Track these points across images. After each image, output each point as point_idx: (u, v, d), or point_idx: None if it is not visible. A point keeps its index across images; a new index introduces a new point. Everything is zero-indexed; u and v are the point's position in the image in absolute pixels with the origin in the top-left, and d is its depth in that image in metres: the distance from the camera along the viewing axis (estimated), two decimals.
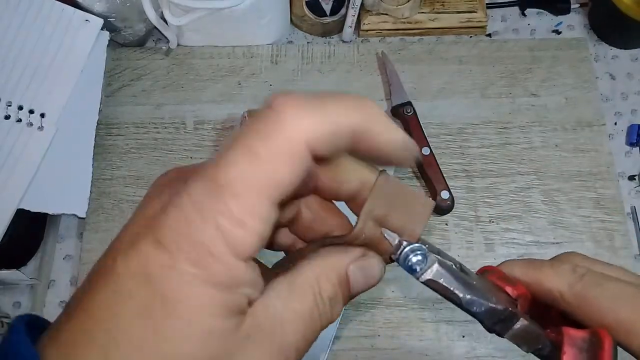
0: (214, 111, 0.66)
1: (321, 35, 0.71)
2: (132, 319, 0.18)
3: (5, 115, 0.58)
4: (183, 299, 0.18)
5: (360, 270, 0.23)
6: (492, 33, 0.71)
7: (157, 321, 0.18)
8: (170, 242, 0.19)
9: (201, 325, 0.18)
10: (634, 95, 0.68)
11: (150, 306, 0.18)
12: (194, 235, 0.18)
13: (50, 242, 0.61)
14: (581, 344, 0.24)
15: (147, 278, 0.19)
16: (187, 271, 0.18)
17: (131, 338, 0.18)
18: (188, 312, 0.18)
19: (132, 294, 0.19)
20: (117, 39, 0.67)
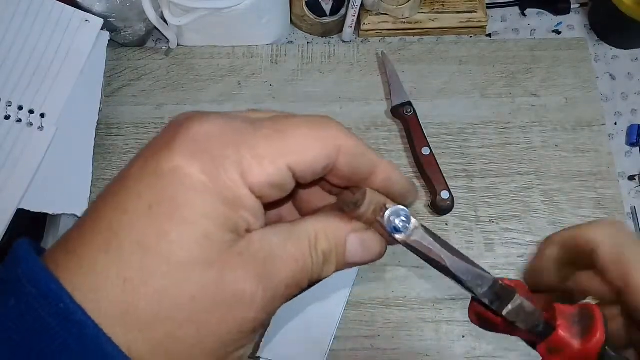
0: (214, 111, 0.65)
1: (321, 35, 0.71)
2: (138, 217, 0.19)
3: (5, 115, 0.58)
4: (188, 202, 0.19)
5: (359, 241, 0.24)
6: (492, 33, 0.71)
7: (161, 221, 0.19)
8: (188, 150, 0.20)
9: (200, 229, 0.19)
10: (634, 95, 0.68)
11: (156, 206, 0.19)
12: (213, 149, 0.20)
13: (50, 242, 0.61)
14: (572, 317, 0.25)
15: (158, 179, 0.20)
16: (197, 177, 0.20)
17: (134, 235, 0.19)
18: (191, 216, 0.19)
19: (141, 194, 0.20)
20: (117, 39, 0.67)
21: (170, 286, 0.19)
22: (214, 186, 0.20)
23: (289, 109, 0.65)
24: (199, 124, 0.21)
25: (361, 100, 0.66)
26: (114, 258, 0.19)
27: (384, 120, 0.65)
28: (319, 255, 0.22)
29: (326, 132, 0.22)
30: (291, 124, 0.21)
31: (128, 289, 0.19)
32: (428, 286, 0.58)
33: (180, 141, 0.20)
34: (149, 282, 0.19)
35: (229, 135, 0.21)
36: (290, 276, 0.21)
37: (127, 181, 0.20)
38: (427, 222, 0.61)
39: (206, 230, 0.20)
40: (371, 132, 0.65)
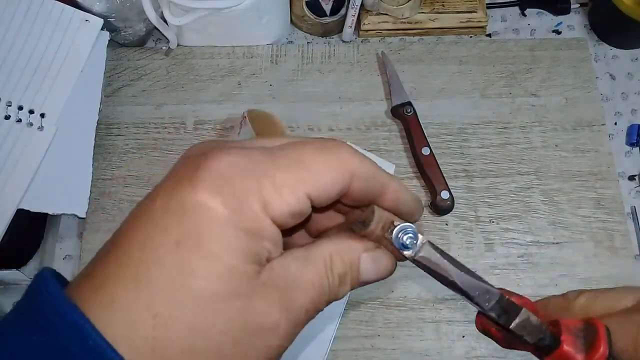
0: (214, 111, 0.66)
1: (321, 35, 0.71)
2: (166, 253, 0.20)
3: (5, 115, 0.58)
4: (213, 236, 0.20)
5: (371, 260, 0.24)
6: (492, 33, 0.71)
7: (188, 256, 0.20)
8: (211, 185, 0.20)
9: (226, 263, 0.20)
10: (634, 95, 0.68)
11: (183, 241, 0.20)
12: (235, 182, 0.21)
13: (50, 242, 0.61)
14: (577, 332, 0.25)
15: (183, 214, 0.20)
16: (221, 212, 0.20)
17: (162, 271, 0.20)
18: (217, 250, 0.20)
19: (167, 229, 0.20)
20: (117, 39, 0.67)
21: (200, 321, 0.20)
22: (238, 219, 0.20)
23: (289, 109, 0.65)
24: (218, 158, 0.21)
25: (361, 100, 0.66)
26: (144, 294, 0.19)
27: (384, 120, 0.65)
28: (335, 278, 0.23)
29: (339, 158, 0.23)
30: (306, 152, 0.22)
31: (159, 324, 0.19)
32: (428, 286, 0.58)
33: (203, 176, 0.21)
34: (179, 317, 0.19)
35: (249, 167, 0.21)
36: (309, 302, 0.22)
37: (151, 216, 0.21)
38: (427, 222, 0.61)
39: (232, 264, 0.20)
40: (371, 132, 0.65)
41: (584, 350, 0.25)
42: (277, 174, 0.21)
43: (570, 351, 0.25)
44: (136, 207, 0.22)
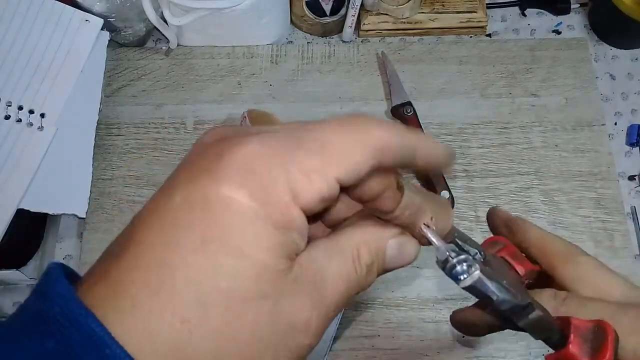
0: (214, 111, 0.66)
1: (321, 35, 0.71)
2: (191, 253, 0.18)
3: (5, 115, 0.58)
4: (241, 232, 0.19)
5: (397, 246, 0.24)
6: (492, 33, 0.71)
7: (215, 255, 0.18)
8: (235, 177, 0.19)
9: (257, 260, 0.19)
10: (634, 95, 0.68)
11: (209, 239, 0.18)
12: (260, 172, 0.19)
13: (50, 242, 0.61)
14: (586, 333, 0.25)
15: (207, 210, 0.19)
16: (247, 205, 0.19)
17: (189, 272, 0.18)
18: (246, 247, 0.19)
19: (191, 227, 0.19)
20: (117, 39, 0.67)
21: (230, 323, 0.18)
22: (266, 212, 0.19)
23: (289, 109, 0.65)
24: (240, 145, 0.19)
25: (361, 100, 0.66)
26: (169, 297, 0.18)
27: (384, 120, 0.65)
28: (362, 269, 0.22)
29: (367, 135, 0.20)
30: (333, 132, 0.20)
31: (185, 329, 0.18)
32: (428, 286, 0.58)
33: (225, 168, 0.19)
34: (208, 320, 0.18)
35: (274, 154, 0.19)
36: (339, 296, 0.21)
37: (172, 213, 0.19)
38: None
39: (262, 262, 0.19)
40: None
41: (590, 354, 0.25)
42: (305, 160, 0.20)
43: (575, 353, 0.25)
44: (150, 202, 0.20)
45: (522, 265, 0.29)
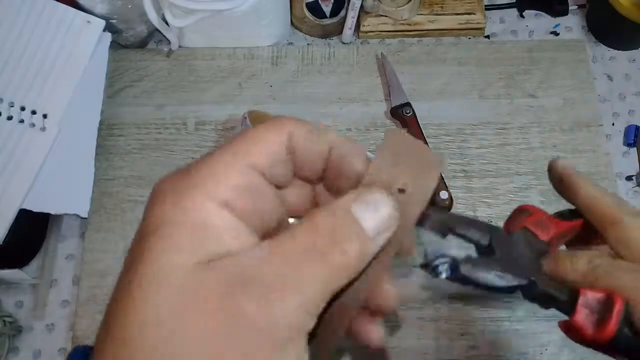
0: (214, 112, 0.66)
1: (321, 37, 0.71)
2: (119, 282, 0.20)
3: (8, 116, 0.59)
4: (153, 245, 0.19)
5: (366, 205, 0.21)
6: (491, 34, 0.72)
7: (128, 278, 0.19)
8: (158, 200, 0.20)
9: (163, 263, 0.19)
10: (631, 96, 0.68)
11: (128, 267, 0.20)
12: (169, 190, 0.20)
13: (52, 242, 0.61)
14: (594, 304, 0.26)
15: (136, 237, 0.20)
16: (166, 218, 0.20)
17: (112, 302, 0.19)
18: (155, 255, 0.19)
19: (127, 257, 0.20)
20: (119, 40, 0.68)
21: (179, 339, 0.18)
22: (184, 219, 0.19)
23: (289, 109, 0.66)
24: (155, 187, 0.21)
25: (361, 101, 0.67)
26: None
27: (384, 121, 0.66)
28: (324, 235, 0.20)
29: (275, 124, 0.22)
30: (243, 132, 0.22)
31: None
32: (428, 285, 0.59)
33: (150, 203, 0.21)
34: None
35: (179, 174, 0.21)
36: (302, 249, 0.19)
37: (119, 290, 0.20)
38: None
39: (180, 264, 0.19)
40: (371, 133, 0.65)
41: (595, 324, 0.25)
42: (212, 159, 0.21)
43: (580, 322, 0.25)
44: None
45: (547, 231, 0.30)
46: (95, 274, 0.59)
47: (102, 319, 0.20)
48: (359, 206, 0.21)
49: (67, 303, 0.59)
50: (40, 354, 0.58)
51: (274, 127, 0.22)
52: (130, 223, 0.61)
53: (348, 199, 0.21)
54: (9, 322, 0.56)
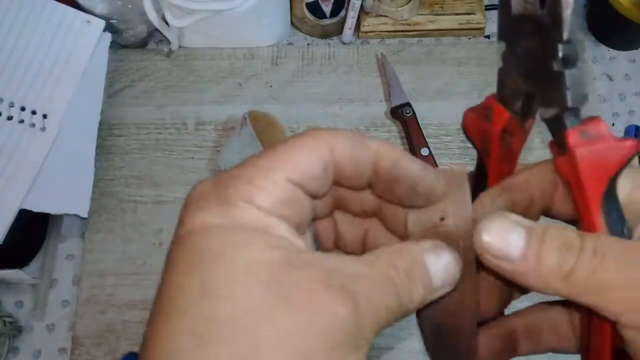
0: (214, 112, 0.66)
1: (321, 37, 0.71)
2: (182, 279, 0.19)
3: (8, 116, 0.59)
4: (218, 244, 0.19)
5: (437, 258, 0.22)
6: (491, 35, 0.72)
7: (203, 274, 0.19)
8: (193, 212, 0.20)
9: (242, 257, 0.19)
10: (631, 96, 0.68)
11: (193, 264, 0.19)
12: (212, 195, 0.20)
13: (52, 242, 0.61)
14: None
15: (182, 239, 0.20)
16: (212, 222, 0.20)
17: (180, 296, 0.19)
18: (228, 251, 0.19)
19: (177, 258, 0.20)
20: (119, 40, 0.68)
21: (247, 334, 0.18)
22: (232, 223, 0.20)
23: (289, 109, 0.66)
24: (190, 194, 0.21)
25: (361, 101, 0.67)
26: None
27: (384, 121, 0.66)
28: (400, 274, 0.21)
29: (313, 137, 0.22)
30: (279, 144, 0.21)
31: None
32: None
33: (185, 212, 0.21)
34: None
35: (220, 180, 0.21)
36: (371, 290, 0.20)
37: (169, 270, 0.20)
38: None
39: (251, 259, 0.19)
40: (371, 133, 0.65)
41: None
42: (249, 171, 0.21)
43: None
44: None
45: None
46: (95, 274, 0.59)
47: (153, 316, 0.20)
48: (430, 257, 0.22)
49: (67, 303, 0.59)
50: (40, 354, 0.58)
51: (312, 139, 0.21)
52: (131, 223, 0.61)
53: (421, 247, 0.22)
54: (9, 322, 0.56)
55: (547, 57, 0.21)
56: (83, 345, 0.56)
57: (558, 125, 0.22)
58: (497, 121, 0.25)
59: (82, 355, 0.56)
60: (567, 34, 0.21)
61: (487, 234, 0.22)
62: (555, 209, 0.25)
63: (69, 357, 0.56)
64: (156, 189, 0.62)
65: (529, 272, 0.21)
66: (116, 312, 0.57)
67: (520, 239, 0.21)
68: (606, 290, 0.20)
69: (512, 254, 0.21)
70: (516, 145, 0.26)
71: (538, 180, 0.25)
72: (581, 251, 0.21)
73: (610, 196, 0.21)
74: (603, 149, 0.21)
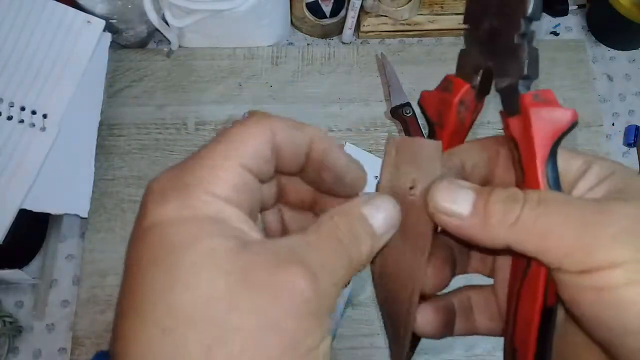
0: (214, 112, 0.66)
1: (321, 37, 0.71)
2: (145, 273, 0.20)
3: (8, 116, 0.59)
4: (180, 237, 0.20)
5: (374, 207, 0.23)
6: None
7: (166, 266, 0.19)
8: (154, 203, 0.21)
9: (202, 247, 0.19)
10: (631, 95, 0.68)
11: (157, 257, 0.20)
12: (172, 187, 0.21)
13: (52, 242, 0.61)
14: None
15: (144, 233, 0.20)
16: (175, 214, 0.20)
17: (146, 290, 0.19)
18: (188, 243, 0.20)
19: (140, 252, 0.20)
20: (119, 40, 0.68)
21: (210, 311, 0.19)
22: (192, 212, 0.20)
23: (289, 109, 0.66)
24: (149, 187, 0.22)
25: (361, 101, 0.67)
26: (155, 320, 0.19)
27: (384, 121, 0.66)
28: (344, 232, 0.22)
29: (257, 123, 0.23)
30: (227, 131, 0.23)
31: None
32: None
33: (145, 207, 0.21)
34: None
35: (178, 171, 0.22)
36: (320, 257, 0.21)
37: (130, 269, 0.21)
38: None
39: (208, 246, 0.20)
40: (370, 133, 0.65)
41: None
42: (205, 160, 0.21)
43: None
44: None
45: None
46: (95, 274, 0.59)
47: (121, 312, 0.21)
48: (368, 208, 0.23)
49: (67, 303, 0.59)
50: (40, 354, 0.58)
51: (257, 125, 0.23)
52: (131, 223, 0.61)
53: (358, 202, 0.23)
54: (9, 322, 0.56)
55: (509, 32, 0.24)
56: (83, 345, 0.56)
57: (513, 92, 0.25)
58: (457, 91, 0.27)
59: (82, 355, 0.56)
60: (531, 11, 0.23)
61: (438, 194, 0.24)
62: (497, 178, 0.26)
63: (69, 357, 0.56)
64: None
65: (478, 225, 0.23)
66: None
67: (469, 197, 0.23)
68: (549, 236, 0.21)
69: (462, 211, 0.23)
70: (468, 120, 0.28)
71: (482, 148, 0.27)
72: (525, 202, 0.22)
73: (552, 161, 0.23)
74: (552, 110, 0.24)
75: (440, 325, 0.29)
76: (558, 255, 0.21)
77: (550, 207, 0.22)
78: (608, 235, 0.21)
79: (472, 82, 0.27)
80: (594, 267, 0.21)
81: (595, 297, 0.21)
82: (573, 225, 0.21)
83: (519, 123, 0.24)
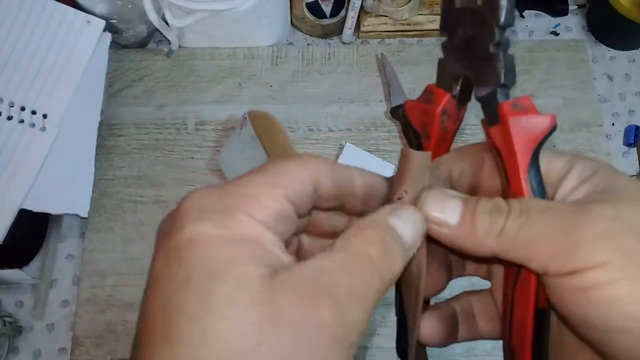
0: (214, 112, 0.66)
1: (321, 37, 0.71)
2: (178, 295, 0.20)
3: (8, 116, 0.59)
4: (217, 259, 0.20)
5: (400, 219, 0.23)
6: None
7: (200, 291, 0.19)
8: (193, 219, 0.21)
9: (236, 274, 0.19)
10: (631, 95, 0.68)
11: (191, 278, 0.20)
12: (215, 205, 0.21)
13: (52, 242, 0.61)
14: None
15: (179, 249, 0.20)
16: (213, 232, 0.20)
17: (182, 312, 0.19)
18: (224, 267, 0.20)
19: (172, 268, 0.20)
20: (119, 40, 0.68)
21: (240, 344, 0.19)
22: (230, 233, 0.20)
23: (289, 109, 0.66)
24: (190, 198, 0.22)
25: (361, 101, 0.67)
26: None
27: (384, 121, 0.66)
28: (375, 246, 0.22)
29: (304, 162, 0.24)
30: (276, 163, 0.23)
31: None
32: None
33: (183, 217, 0.21)
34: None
35: (222, 191, 0.22)
36: (348, 280, 0.21)
37: (153, 271, 0.21)
38: None
39: (241, 272, 0.20)
40: (371, 133, 0.65)
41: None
42: (248, 185, 0.22)
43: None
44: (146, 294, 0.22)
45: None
46: (95, 274, 0.59)
47: (147, 334, 0.20)
48: (394, 220, 0.23)
49: (67, 303, 0.59)
50: (40, 354, 0.58)
51: (304, 164, 0.23)
52: (131, 223, 0.61)
53: (384, 213, 0.23)
54: (9, 322, 0.56)
55: (484, 41, 0.24)
56: (83, 345, 0.56)
57: (491, 101, 0.25)
58: (439, 102, 0.27)
59: (82, 355, 0.56)
60: (504, 20, 0.24)
61: (427, 204, 0.24)
62: (483, 185, 0.27)
63: (69, 357, 0.56)
64: (156, 189, 0.62)
65: (466, 235, 0.24)
66: (116, 312, 0.58)
67: (457, 207, 0.24)
68: (533, 244, 0.22)
69: (450, 221, 0.24)
70: (451, 129, 0.28)
71: (467, 156, 0.27)
72: (509, 212, 0.23)
73: (534, 167, 0.24)
74: (530, 118, 0.24)
75: (445, 334, 0.29)
76: (543, 261, 0.22)
77: (532, 216, 0.23)
78: (588, 237, 0.21)
79: (453, 92, 0.27)
80: (576, 268, 0.21)
81: (581, 298, 0.21)
82: (554, 231, 0.22)
83: (499, 132, 0.24)
